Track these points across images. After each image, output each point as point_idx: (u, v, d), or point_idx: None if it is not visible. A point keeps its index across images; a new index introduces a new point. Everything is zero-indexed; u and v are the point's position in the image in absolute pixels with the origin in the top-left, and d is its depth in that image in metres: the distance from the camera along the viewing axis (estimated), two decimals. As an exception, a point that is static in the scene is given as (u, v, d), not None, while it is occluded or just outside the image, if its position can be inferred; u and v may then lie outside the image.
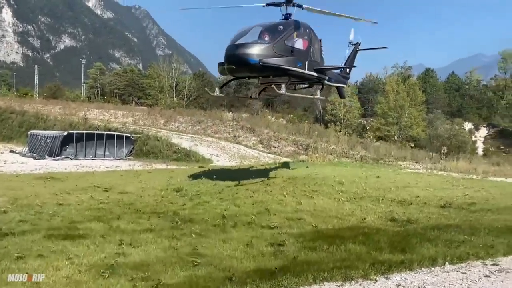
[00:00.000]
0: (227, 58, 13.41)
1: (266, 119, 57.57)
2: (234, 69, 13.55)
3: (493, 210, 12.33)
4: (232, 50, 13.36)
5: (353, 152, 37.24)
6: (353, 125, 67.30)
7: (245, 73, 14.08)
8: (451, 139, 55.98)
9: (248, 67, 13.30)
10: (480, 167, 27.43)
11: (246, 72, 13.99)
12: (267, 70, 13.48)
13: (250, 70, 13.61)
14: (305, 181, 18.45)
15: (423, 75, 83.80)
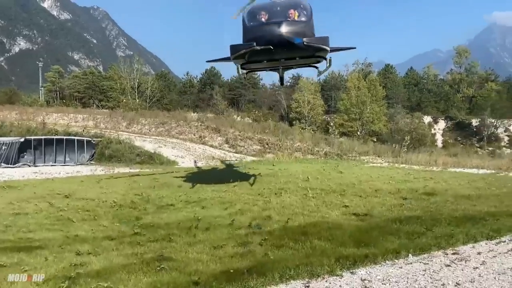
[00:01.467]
0: (264, 38, 12.04)
1: (232, 119, 57.43)
2: (270, 51, 12.21)
3: (452, 201, 12.75)
4: (272, 29, 12.10)
5: (318, 149, 37.73)
6: (318, 122, 68.22)
7: (283, 55, 12.95)
8: (411, 132, 57.75)
9: (290, 49, 12.29)
10: (440, 159, 28.40)
11: (284, 54, 12.88)
12: (307, 51, 12.66)
13: (292, 52, 12.63)
14: (271, 179, 18.52)
15: (383, 71, 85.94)
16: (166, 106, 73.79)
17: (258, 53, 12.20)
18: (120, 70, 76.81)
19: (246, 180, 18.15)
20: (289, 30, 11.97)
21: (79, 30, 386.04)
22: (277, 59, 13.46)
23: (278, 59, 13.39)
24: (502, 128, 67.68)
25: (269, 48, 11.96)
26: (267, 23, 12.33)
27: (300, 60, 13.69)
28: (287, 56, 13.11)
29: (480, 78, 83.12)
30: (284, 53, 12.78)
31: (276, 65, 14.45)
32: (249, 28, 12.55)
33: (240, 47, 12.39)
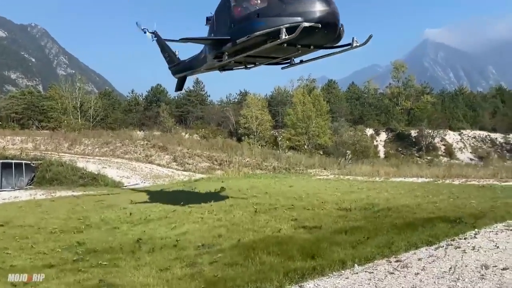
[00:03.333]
0: (326, 17, 10.61)
1: (179, 136, 56.79)
2: (327, 33, 10.98)
3: (393, 209, 13.30)
4: (327, 7, 10.65)
5: (267, 164, 38.11)
6: (266, 137, 69.01)
7: (332, 39, 11.57)
8: (355, 144, 59.91)
9: (335, 34, 11.15)
10: (382, 170, 29.60)
11: (331, 38, 11.49)
12: (339, 39, 11.66)
13: (335, 36, 11.34)
14: (221, 197, 18.42)
15: (326, 86, 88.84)
16: (111, 125, 71.65)
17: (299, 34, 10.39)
18: (61, 89, 73.91)
19: (195, 199, 17.94)
20: (338, 11, 10.84)
21: (16, 48, 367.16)
22: (300, 46, 11.80)
23: (305, 45, 11.75)
24: (438, 138, 71.76)
25: (317, 27, 10.49)
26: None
27: (314, 51, 12.50)
28: (316, 42, 11.69)
29: (417, 91, 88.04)
30: (326, 41, 11.59)
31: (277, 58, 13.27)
32: (285, 0, 10.96)
33: (275, 22, 10.76)
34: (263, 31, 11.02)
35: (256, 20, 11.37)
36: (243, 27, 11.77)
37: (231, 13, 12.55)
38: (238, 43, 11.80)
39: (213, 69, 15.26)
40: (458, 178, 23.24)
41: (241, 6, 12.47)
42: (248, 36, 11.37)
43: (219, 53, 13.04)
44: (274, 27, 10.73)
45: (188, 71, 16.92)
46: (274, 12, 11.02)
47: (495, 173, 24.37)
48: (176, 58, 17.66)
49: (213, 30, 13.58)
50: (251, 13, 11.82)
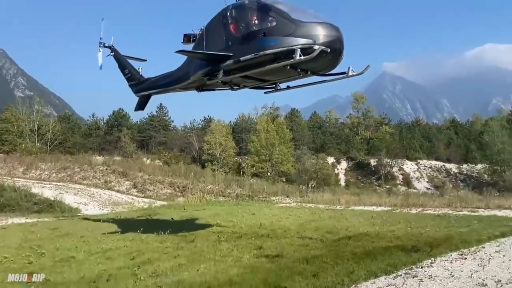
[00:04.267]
0: (335, 42, 10.83)
1: (141, 162, 55.80)
2: (332, 59, 11.10)
3: (353, 238, 13.55)
4: (338, 33, 10.92)
5: (230, 191, 37.97)
6: (230, 164, 68.88)
7: (333, 65, 11.74)
8: (317, 172, 60.80)
9: (338, 61, 11.34)
10: (343, 198, 30.16)
11: (331, 65, 11.67)
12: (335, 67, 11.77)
13: (336, 63, 11.52)
14: (182, 225, 18.14)
15: (289, 115, 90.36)
16: (69, 149, 69.38)
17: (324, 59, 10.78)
18: (18, 111, 71.21)
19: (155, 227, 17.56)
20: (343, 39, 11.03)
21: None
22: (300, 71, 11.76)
23: (303, 69, 11.72)
24: (396, 167, 73.93)
25: (326, 52, 10.62)
26: (324, 22, 11.03)
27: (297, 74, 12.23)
28: (317, 67, 11.72)
29: (376, 121, 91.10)
30: (331, 65, 11.58)
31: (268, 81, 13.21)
32: (296, 22, 10.93)
33: (287, 42, 10.72)
34: (273, 50, 10.96)
35: (264, 38, 11.22)
36: (248, 45, 11.52)
37: (228, 31, 12.28)
38: (242, 61, 11.58)
39: (189, 88, 14.80)
40: (415, 207, 23.99)
41: (240, 24, 12.14)
42: (255, 54, 11.21)
43: (214, 70, 12.60)
44: (287, 47, 10.72)
45: (156, 89, 16.18)
46: (284, 32, 10.95)
47: (450, 202, 25.36)
48: (139, 75, 17.01)
49: (202, 48, 13.02)
50: (255, 31, 11.62)
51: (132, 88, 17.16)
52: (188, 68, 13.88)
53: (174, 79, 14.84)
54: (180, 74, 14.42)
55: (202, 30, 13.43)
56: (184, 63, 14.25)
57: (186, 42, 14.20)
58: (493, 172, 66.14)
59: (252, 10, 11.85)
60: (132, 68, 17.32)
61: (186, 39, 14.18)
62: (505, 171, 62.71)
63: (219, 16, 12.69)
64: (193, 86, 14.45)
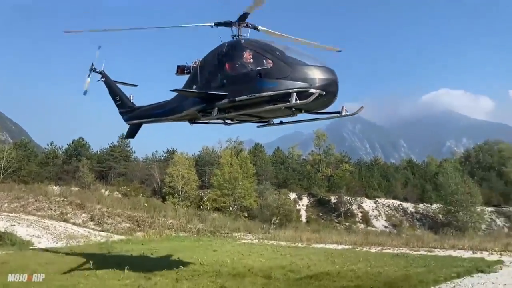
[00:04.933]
0: (331, 85, 10.95)
1: (99, 193, 54.15)
2: (326, 100, 11.14)
3: (314, 277, 13.63)
4: (333, 76, 11.05)
5: (191, 226, 37.34)
6: (191, 197, 67.92)
7: (327, 106, 11.78)
8: (279, 208, 60.93)
9: (332, 102, 11.43)
10: (304, 235, 30.32)
11: (325, 106, 11.73)
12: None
13: (330, 104, 11.57)
14: (141, 261, 17.64)
15: (253, 149, 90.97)
16: (24, 178, 66.38)
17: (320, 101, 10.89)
18: (-31, 136, 68.03)
19: (112, 263, 16.96)
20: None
21: None
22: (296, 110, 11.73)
23: (298, 108, 11.58)
24: (356, 205, 75.24)
25: (322, 94, 10.74)
26: (320, 65, 11.06)
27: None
28: (311, 108, 11.77)
29: (336, 159, 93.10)
30: (328, 105, 11.60)
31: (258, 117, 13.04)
32: (292, 64, 11.01)
33: (283, 85, 10.80)
34: (270, 93, 11.00)
35: (260, 80, 11.18)
36: (244, 85, 11.48)
37: (223, 68, 12.15)
38: (238, 101, 11.57)
39: (182, 120, 14.55)
40: (375, 246, 24.45)
41: (235, 62, 12.02)
42: (251, 95, 11.22)
43: (208, 107, 12.46)
44: (283, 90, 10.79)
45: (148, 119, 15.80)
46: (280, 74, 10.95)
47: (407, 241, 26.04)
48: (130, 103, 16.63)
49: (196, 83, 12.94)
50: (251, 71, 11.55)
51: (122, 115, 16.80)
52: (182, 102, 13.69)
53: (167, 110, 14.57)
54: (174, 106, 14.21)
55: (197, 63, 13.39)
56: (178, 95, 14.04)
57: (180, 73, 14.10)
58: (447, 212, 68.56)
59: (248, 50, 11.82)
60: (123, 95, 17.00)
61: (179, 71, 14.08)
62: (458, 211, 65.20)
63: (215, 53, 12.64)
64: (186, 119, 14.30)
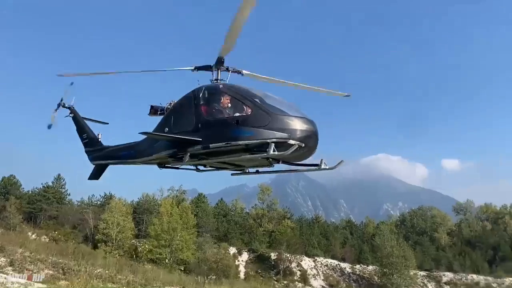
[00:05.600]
0: (311, 137, 10.57)
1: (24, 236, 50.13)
2: (305, 152, 10.68)
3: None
4: (314, 128, 10.68)
5: (121, 277, 35.18)
6: (125, 246, 64.55)
7: (305, 158, 11.28)
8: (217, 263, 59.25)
9: (311, 155, 10.98)
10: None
11: (304, 157, 11.23)
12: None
13: (309, 156, 11.12)
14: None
15: (196, 200, 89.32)
16: None
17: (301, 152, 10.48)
18: None
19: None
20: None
21: None
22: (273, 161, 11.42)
23: (275, 159, 11.23)
24: (295, 263, 74.90)
25: (301, 146, 10.35)
26: (300, 116, 10.70)
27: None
28: (289, 159, 11.25)
29: (279, 215, 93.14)
30: (295, 156, 10.88)
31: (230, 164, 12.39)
32: (271, 113, 10.57)
33: (261, 135, 10.29)
34: (247, 142, 10.50)
35: (237, 127, 10.65)
36: (219, 132, 10.92)
37: (198, 112, 11.61)
38: (212, 148, 10.98)
39: (151, 163, 13.65)
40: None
41: (212, 107, 11.56)
42: (227, 142, 10.65)
43: (180, 152, 11.73)
44: (260, 140, 10.31)
45: (115, 160, 14.84)
46: (259, 123, 10.48)
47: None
48: (98, 142, 15.73)
49: (169, 125, 12.24)
50: (228, 118, 11.07)
51: (88, 155, 15.79)
52: (152, 145, 12.88)
53: (136, 152, 13.74)
54: (143, 149, 13.36)
55: (171, 104, 12.93)
56: (148, 137, 13.16)
57: (152, 114, 13.52)
58: (382, 275, 69.84)
59: (226, 95, 11.43)
60: (91, 133, 16.11)
61: (152, 111, 13.52)
62: (393, 274, 66.62)
63: (190, 96, 12.11)
64: (155, 163, 13.47)
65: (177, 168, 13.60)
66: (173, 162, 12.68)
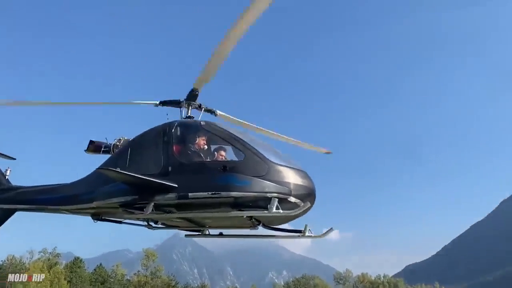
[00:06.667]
0: (311, 196, 8.74)
1: None
2: (299, 213, 8.75)
3: None
4: (309, 180, 8.88)
5: None
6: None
7: (280, 222, 9.47)
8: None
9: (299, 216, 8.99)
10: None
11: (282, 222, 9.48)
12: None
13: (289, 221, 9.36)
14: None
15: (71, 264, 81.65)
16: None
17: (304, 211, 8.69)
18: None
19: None
20: None
21: None
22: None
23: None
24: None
25: (309, 206, 8.79)
26: (302, 170, 8.90)
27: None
28: (272, 221, 9.40)
29: (163, 282, 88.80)
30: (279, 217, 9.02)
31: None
32: (268, 161, 8.61)
33: (257, 187, 8.28)
34: (241, 193, 8.37)
35: (224, 175, 8.54)
36: (200, 178, 8.74)
37: (169, 152, 9.25)
38: (190, 198, 8.59)
39: (81, 213, 10.82)
40: None
41: (188, 147, 9.40)
42: (214, 192, 8.38)
43: (139, 201, 9.07)
44: (258, 192, 8.33)
45: (28, 205, 11.58)
46: (253, 172, 8.50)
47: None
48: (4, 180, 12.23)
49: (123, 165, 9.41)
50: (211, 162, 9.11)
51: None
52: (93, 188, 10.02)
53: (63, 197, 10.77)
54: (75, 193, 10.48)
55: (121, 141, 10.83)
56: (88, 178, 10.58)
57: (91, 151, 11.28)
58: None
59: (209, 134, 9.52)
60: None
61: (91, 148, 11.26)
62: None
63: (159, 131, 9.76)
64: (90, 213, 10.57)
65: (119, 222, 10.87)
66: (123, 213, 9.76)
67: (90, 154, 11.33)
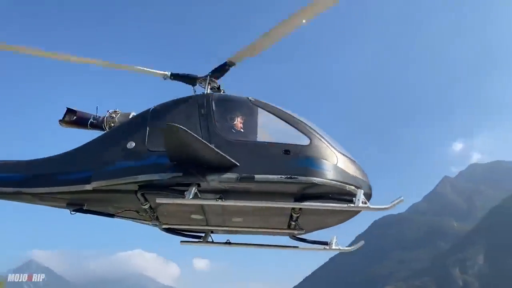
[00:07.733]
0: (370, 195, 7.18)
1: None
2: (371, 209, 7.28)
3: None
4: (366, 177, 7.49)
5: None
6: None
7: (318, 226, 8.29)
8: None
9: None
10: None
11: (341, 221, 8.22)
12: None
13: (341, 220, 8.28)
14: None
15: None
16: None
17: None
18: None
19: None
20: None
21: None
22: None
23: None
24: None
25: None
26: (359, 164, 7.57)
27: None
28: None
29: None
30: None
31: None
32: (334, 150, 7.15)
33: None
34: (323, 180, 6.70)
35: (295, 158, 6.88)
36: (265, 158, 6.88)
37: (212, 129, 7.15)
38: (257, 180, 6.63)
39: (60, 200, 7.64)
40: None
41: (236, 124, 7.51)
42: (289, 176, 6.59)
43: (181, 182, 6.65)
44: (341, 182, 6.91)
45: None
46: (324, 159, 7.04)
47: None
48: None
49: (142, 144, 7.10)
50: (271, 144, 7.14)
51: None
52: (91, 162, 7.24)
53: (34, 176, 7.55)
54: (54, 171, 7.46)
55: (122, 116, 8.32)
56: (81, 149, 7.69)
57: (69, 123, 8.57)
58: None
59: (264, 112, 7.56)
60: None
61: (70, 118, 8.55)
62: None
63: (192, 104, 7.60)
64: (69, 199, 7.63)
65: (110, 216, 8.12)
66: (156, 197, 6.71)
67: (66, 127, 8.65)
